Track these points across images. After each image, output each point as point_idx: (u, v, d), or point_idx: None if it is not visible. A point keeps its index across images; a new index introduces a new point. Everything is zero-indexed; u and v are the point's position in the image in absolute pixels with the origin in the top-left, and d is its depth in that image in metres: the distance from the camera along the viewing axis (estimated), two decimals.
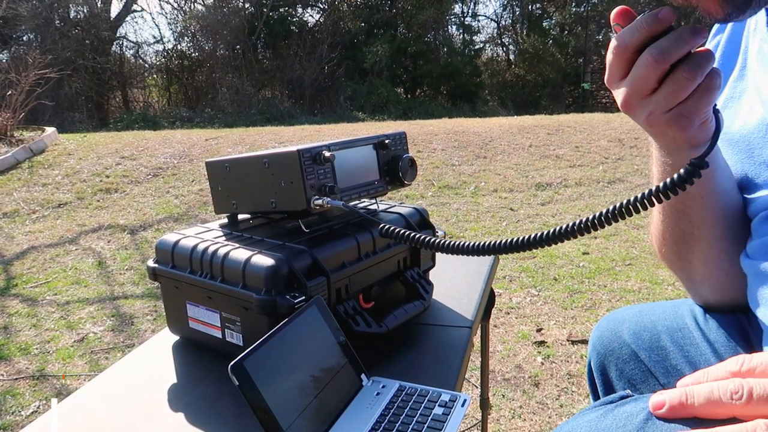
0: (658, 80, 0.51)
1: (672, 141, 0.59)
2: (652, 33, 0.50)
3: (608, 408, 0.58)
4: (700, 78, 0.50)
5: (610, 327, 0.88)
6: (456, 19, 16.77)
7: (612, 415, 0.56)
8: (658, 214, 0.73)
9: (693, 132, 0.55)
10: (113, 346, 2.40)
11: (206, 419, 0.75)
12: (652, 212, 0.74)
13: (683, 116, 0.53)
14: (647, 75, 0.51)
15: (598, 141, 6.13)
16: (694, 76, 0.50)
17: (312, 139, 6.51)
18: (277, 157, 0.86)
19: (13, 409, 1.96)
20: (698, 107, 0.52)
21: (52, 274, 3.23)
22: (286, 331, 0.69)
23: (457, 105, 14.83)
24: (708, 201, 0.66)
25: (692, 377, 0.51)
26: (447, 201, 4.59)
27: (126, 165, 5.50)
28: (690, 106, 0.52)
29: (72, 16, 13.37)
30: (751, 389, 0.44)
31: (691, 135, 0.56)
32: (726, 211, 0.67)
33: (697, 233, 0.69)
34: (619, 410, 0.57)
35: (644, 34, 0.50)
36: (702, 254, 0.71)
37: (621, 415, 0.56)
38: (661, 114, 0.53)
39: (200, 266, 0.86)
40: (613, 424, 0.55)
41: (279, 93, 14.21)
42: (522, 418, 1.84)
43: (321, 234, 0.91)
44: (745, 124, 0.65)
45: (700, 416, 0.47)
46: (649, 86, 0.52)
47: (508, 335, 2.40)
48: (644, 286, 2.84)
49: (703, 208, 0.67)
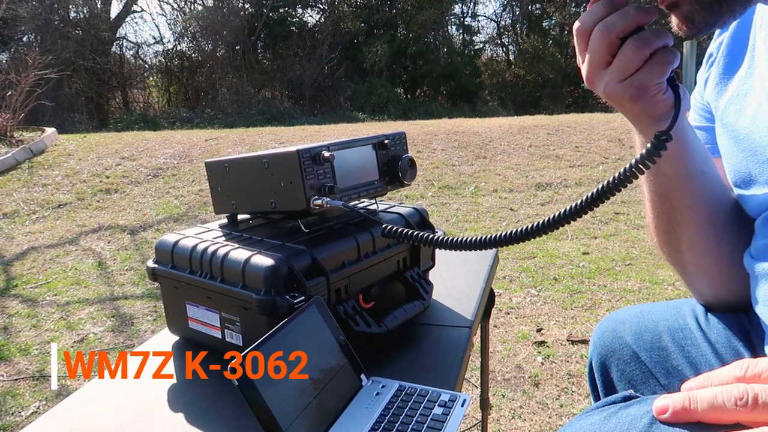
0: (611, 53, 0.56)
1: (633, 115, 0.62)
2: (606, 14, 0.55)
3: (612, 410, 0.58)
4: (647, 50, 0.53)
5: (611, 327, 0.88)
6: (456, 19, 16.77)
7: (616, 418, 0.56)
8: (646, 202, 0.74)
9: (648, 104, 0.58)
10: (113, 346, 2.40)
11: (206, 419, 0.75)
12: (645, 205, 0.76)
13: (634, 86, 0.56)
14: (599, 48, 0.56)
15: (598, 141, 6.13)
16: (640, 47, 0.53)
17: (312, 140, 6.51)
18: (277, 157, 0.86)
19: (13, 410, 1.96)
20: (648, 78, 0.55)
21: (52, 274, 3.23)
22: (285, 332, 0.69)
23: (457, 105, 14.82)
24: (685, 183, 0.68)
25: (696, 381, 0.51)
26: (447, 201, 4.59)
27: (126, 165, 5.50)
28: (640, 77, 0.55)
29: (72, 16, 13.37)
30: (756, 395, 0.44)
31: (648, 108, 0.59)
32: (707, 194, 0.69)
33: (680, 218, 0.70)
34: (623, 412, 0.56)
35: (599, 15, 0.55)
36: (688, 241, 0.72)
37: (625, 417, 0.55)
38: (614, 84, 0.57)
39: (200, 266, 0.86)
40: (617, 427, 0.54)
41: (279, 93, 14.21)
42: (522, 418, 1.84)
43: (320, 234, 0.91)
44: (753, 121, 0.65)
45: (704, 421, 0.47)
46: (603, 59, 0.56)
47: (508, 335, 2.40)
48: (644, 286, 2.84)
49: (681, 191, 0.68)
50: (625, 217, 4.06)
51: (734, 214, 0.71)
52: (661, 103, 0.58)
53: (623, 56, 0.55)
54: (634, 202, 4.42)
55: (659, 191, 0.70)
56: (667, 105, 0.58)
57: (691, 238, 0.71)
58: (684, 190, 0.68)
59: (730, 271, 0.71)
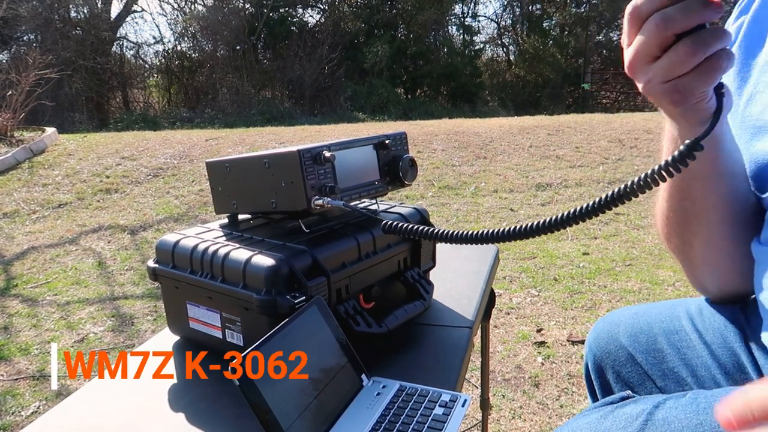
0: (661, 48, 0.49)
1: (670, 115, 0.57)
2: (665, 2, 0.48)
3: (608, 409, 0.58)
4: (702, 55, 0.47)
5: (606, 329, 0.88)
6: (456, 19, 16.79)
7: (612, 417, 0.56)
8: (663, 193, 0.70)
9: (688, 109, 0.54)
10: (113, 346, 2.40)
11: (206, 419, 0.75)
12: (657, 192, 0.72)
13: (678, 91, 0.51)
14: (650, 40, 0.49)
15: (598, 141, 6.13)
16: (696, 51, 0.47)
17: (312, 140, 6.51)
18: (278, 157, 0.86)
19: (13, 410, 1.96)
20: (695, 85, 0.50)
21: (52, 274, 3.23)
22: (286, 332, 0.69)
23: (458, 105, 14.83)
24: (712, 182, 0.64)
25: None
26: (447, 201, 4.59)
27: (126, 165, 5.50)
28: (686, 82, 0.50)
29: (72, 16, 13.38)
30: None
31: (687, 112, 0.54)
32: (732, 194, 0.65)
33: (701, 215, 0.67)
34: (619, 412, 0.57)
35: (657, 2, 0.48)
36: (704, 238, 0.69)
37: (621, 416, 0.56)
38: (657, 83, 0.52)
39: (200, 266, 0.86)
40: (612, 425, 0.55)
41: (279, 93, 14.22)
42: (522, 418, 1.84)
43: (321, 234, 0.91)
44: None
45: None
46: (651, 52, 0.50)
47: (508, 335, 2.40)
48: (644, 287, 2.84)
49: (707, 189, 0.64)
50: (626, 218, 4.06)
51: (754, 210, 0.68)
52: (702, 111, 0.54)
53: (675, 56, 0.49)
54: (634, 202, 4.41)
55: (682, 186, 0.66)
56: (708, 113, 0.54)
57: (708, 235, 0.68)
58: (711, 188, 0.64)
59: (742, 266, 0.69)
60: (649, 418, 0.54)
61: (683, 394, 0.59)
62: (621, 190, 0.51)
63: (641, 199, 4.47)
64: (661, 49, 0.49)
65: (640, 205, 4.36)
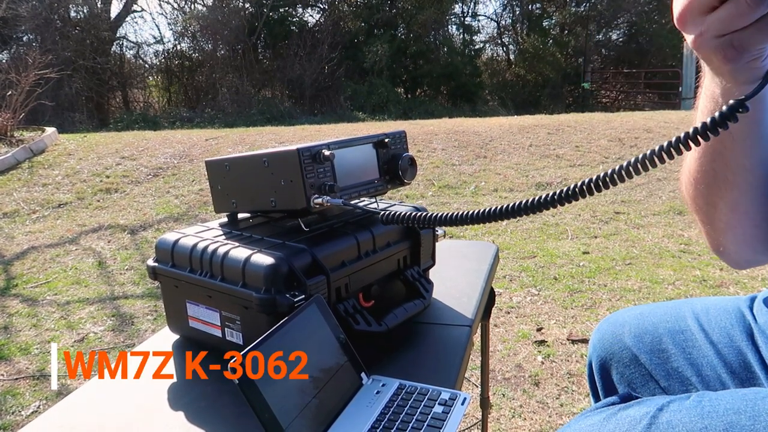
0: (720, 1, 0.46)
1: (719, 73, 0.54)
2: None
3: (611, 411, 0.58)
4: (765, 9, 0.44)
5: (610, 330, 0.88)
6: (456, 19, 16.77)
7: (615, 419, 0.56)
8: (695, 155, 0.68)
9: (740, 67, 0.50)
10: (113, 346, 2.40)
11: (206, 418, 0.75)
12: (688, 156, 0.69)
13: (732, 47, 0.47)
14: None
15: (598, 140, 6.13)
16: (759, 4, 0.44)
17: (312, 139, 6.50)
18: (277, 156, 0.86)
19: (13, 409, 1.96)
20: (752, 41, 0.47)
21: (53, 274, 3.23)
22: (286, 330, 0.69)
23: (457, 105, 14.83)
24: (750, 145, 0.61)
25: None
26: (447, 200, 4.59)
27: (126, 165, 5.50)
28: (743, 37, 0.46)
29: (72, 16, 13.37)
30: None
31: (738, 71, 0.51)
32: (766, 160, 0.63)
33: (731, 178, 0.64)
34: (623, 414, 0.56)
35: None
36: (731, 202, 0.66)
37: (624, 419, 0.55)
38: (711, 38, 0.48)
39: (200, 265, 0.86)
40: (616, 428, 0.54)
41: (279, 93, 14.22)
42: (522, 417, 1.84)
43: (321, 233, 0.91)
44: None
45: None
46: (709, 3, 0.46)
47: (508, 334, 2.40)
48: (644, 286, 2.84)
49: (742, 152, 0.62)
50: (626, 217, 4.06)
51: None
52: (755, 71, 0.50)
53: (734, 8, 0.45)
54: (634, 201, 4.42)
55: (716, 147, 0.63)
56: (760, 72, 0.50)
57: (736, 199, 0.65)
58: (748, 152, 0.61)
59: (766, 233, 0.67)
60: (652, 422, 0.54)
61: (687, 396, 0.58)
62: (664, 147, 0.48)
63: (642, 199, 4.47)
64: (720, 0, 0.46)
65: (641, 204, 4.35)
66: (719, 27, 0.46)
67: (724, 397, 0.57)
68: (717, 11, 0.46)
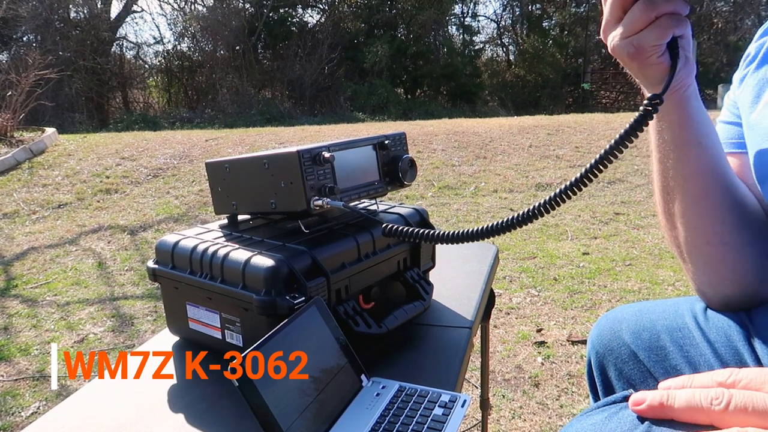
0: (624, 11, 0.59)
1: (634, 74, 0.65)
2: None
3: (613, 410, 0.58)
4: (652, 13, 0.57)
5: (609, 326, 0.88)
6: (456, 19, 16.78)
7: (617, 418, 0.56)
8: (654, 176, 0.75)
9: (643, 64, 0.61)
10: (113, 346, 2.40)
11: (206, 420, 0.75)
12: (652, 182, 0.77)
13: (632, 45, 0.59)
14: (615, 4, 0.60)
15: (598, 141, 6.13)
16: (647, 9, 0.57)
17: (312, 140, 6.51)
18: (277, 157, 0.86)
19: (13, 410, 1.96)
20: (646, 40, 0.58)
21: (52, 274, 3.23)
22: (286, 332, 0.69)
23: (457, 105, 14.84)
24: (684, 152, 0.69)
25: (675, 381, 0.52)
26: (447, 201, 4.59)
27: (126, 166, 5.50)
28: (641, 37, 0.58)
29: (72, 16, 13.38)
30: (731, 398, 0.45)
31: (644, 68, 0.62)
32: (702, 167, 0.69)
33: (677, 188, 0.72)
34: (625, 413, 0.56)
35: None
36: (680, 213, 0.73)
37: (626, 418, 0.55)
38: (619, 40, 0.60)
39: (200, 267, 0.86)
40: (618, 427, 0.54)
41: (279, 93, 14.23)
42: (522, 418, 1.84)
43: (321, 235, 0.91)
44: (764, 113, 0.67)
45: (678, 419, 0.48)
46: (616, 15, 0.60)
47: (508, 336, 2.40)
48: (644, 287, 2.84)
49: (680, 160, 0.70)
50: (625, 218, 4.06)
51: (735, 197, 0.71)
52: (655, 66, 0.61)
53: (631, 15, 0.58)
54: (634, 202, 4.42)
55: (662, 158, 0.72)
56: (663, 68, 0.61)
57: (683, 210, 0.72)
58: (680, 158, 0.69)
59: (725, 253, 0.71)
60: (655, 421, 0.54)
61: None
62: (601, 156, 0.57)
63: (641, 199, 4.48)
64: (623, 11, 0.59)
65: (640, 204, 4.36)
66: (624, 31, 0.60)
67: None
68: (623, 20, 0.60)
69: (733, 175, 0.73)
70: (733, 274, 0.73)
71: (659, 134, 0.70)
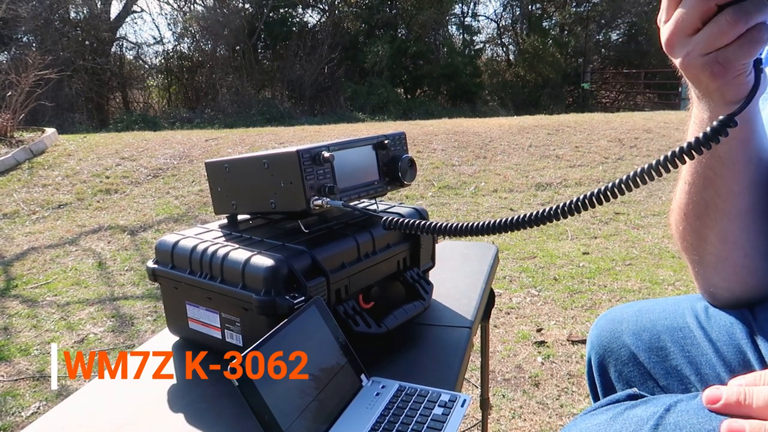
0: (702, 20, 0.50)
1: (705, 91, 0.56)
2: None
3: (617, 410, 0.58)
4: (744, 26, 0.48)
5: (608, 327, 0.87)
6: (456, 19, 16.78)
7: (622, 419, 0.55)
8: (683, 185, 0.69)
9: (727, 84, 0.53)
10: (113, 346, 2.40)
11: (206, 420, 0.75)
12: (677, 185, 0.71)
13: (718, 63, 0.51)
14: (691, 11, 0.50)
15: (598, 141, 6.13)
16: (738, 22, 0.47)
17: (312, 140, 6.51)
18: (277, 157, 0.86)
19: (13, 410, 1.96)
20: (736, 57, 0.50)
21: (52, 275, 3.23)
22: (285, 332, 0.69)
23: (457, 105, 14.84)
24: (738, 169, 0.62)
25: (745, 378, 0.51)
26: (447, 201, 4.59)
27: (126, 166, 5.50)
28: (728, 53, 0.50)
29: (72, 17, 13.38)
30: None
31: (725, 87, 0.54)
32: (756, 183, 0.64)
33: (721, 205, 0.65)
34: (629, 413, 0.56)
35: None
36: (722, 231, 0.68)
37: (631, 419, 0.55)
38: (697, 56, 0.51)
39: (200, 267, 0.86)
40: (623, 428, 0.54)
41: (279, 94, 14.22)
42: (522, 418, 1.84)
43: (320, 234, 0.91)
44: None
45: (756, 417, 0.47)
46: (692, 25, 0.50)
47: (508, 335, 2.40)
48: (644, 286, 2.84)
49: (732, 177, 0.63)
50: (625, 217, 4.06)
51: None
52: (742, 86, 0.53)
53: (716, 27, 0.49)
54: (634, 202, 4.42)
55: (706, 174, 0.65)
56: (746, 88, 0.53)
57: (726, 228, 0.67)
58: (735, 176, 0.63)
59: (757, 265, 0.69)
60: (660, 422, 0.54)
61: (694, 395, 0.58)
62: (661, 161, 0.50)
63: (641, 199, 4.47)
64: (702, 21, 0.50)
65: (641, 204, 4.35)
66: (704, 46, 0.50)
67: None
68: (701, 31, 0.50)
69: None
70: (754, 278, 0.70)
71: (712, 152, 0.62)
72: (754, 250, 0.68)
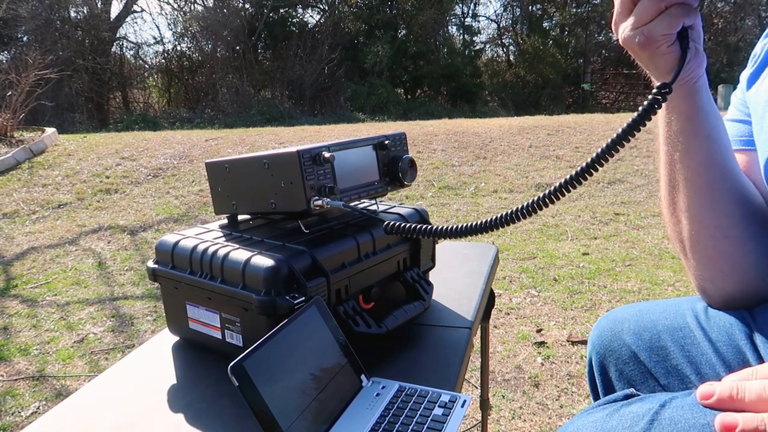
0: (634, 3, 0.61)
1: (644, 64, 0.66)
2: None
3: (613, 408, 0.58)
4: (662, 3, 0.58)
5: (609, 327, 0.88)
6: (456, 19, 16.79)
7: (618, 416, 0.56)
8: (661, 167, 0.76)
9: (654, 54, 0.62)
10: (113, 346, 2.40)
11: (206, 420, 0.75)
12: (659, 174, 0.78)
13: (643, 35, 0.61)
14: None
15: (597, 141, 6.13)
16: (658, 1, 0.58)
17: (312, 140, 6.51)
18: (277, 157, 0.86)
19: (13, 410, 1.96)
20: (656, 29, 0.60)
21: (52, 274, 3.23)
22: (285, 332, 0.69)
23: (458, 105, 14.84)
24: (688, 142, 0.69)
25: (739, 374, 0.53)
26: (447, 201, 4.59)
27: (126, 166, 5.50)
28: (651, 27, 0.60)
29: (72, 16, 13.38)
30: None
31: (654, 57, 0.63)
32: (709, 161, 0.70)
33: (680, 180, 0.72)
34: (625, 410, 0.56)
35: None
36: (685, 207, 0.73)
37: (627, 415, 0.55)
38: (629, 32, 0.61)
39: (200, 267, 0.86)
40: (618, 424, 0.54)
41: (279, 94, 14.22)
42: (522, 418, 1.84)
43: (321, 234, 0.91)
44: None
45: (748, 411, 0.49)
46: (627, 6, 0.62)
47: (508, 336, 2.40)
48: (644, 287, 2.84)
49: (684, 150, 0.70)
50: (625, 218, 4.06)
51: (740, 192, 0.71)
52: (666, 56, 0.62)
53: (641, 5, 0.60)
54: (634, 202, 4.42)
55: (667, 150, 0.72)
56: (672, 58, 0.62)
57: (688, 203, 0.72)
58: (687, 149, 0.70)
59: (727, 247, 0.71)
60: (655, 418, 0.54)
61: (689, 392, 0.59)
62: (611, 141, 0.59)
63: (641, 200, 4.47)
64: (633, 2, 0.61)
65: (641, 205, 4.36)
66: (634, 21, 0.61)
67: None
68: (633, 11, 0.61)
69: (739, 170, 0.73)
70: (735, 270, 0.73)
71: (668, 125, 0.70)
72: (718, 231, 0.72)
